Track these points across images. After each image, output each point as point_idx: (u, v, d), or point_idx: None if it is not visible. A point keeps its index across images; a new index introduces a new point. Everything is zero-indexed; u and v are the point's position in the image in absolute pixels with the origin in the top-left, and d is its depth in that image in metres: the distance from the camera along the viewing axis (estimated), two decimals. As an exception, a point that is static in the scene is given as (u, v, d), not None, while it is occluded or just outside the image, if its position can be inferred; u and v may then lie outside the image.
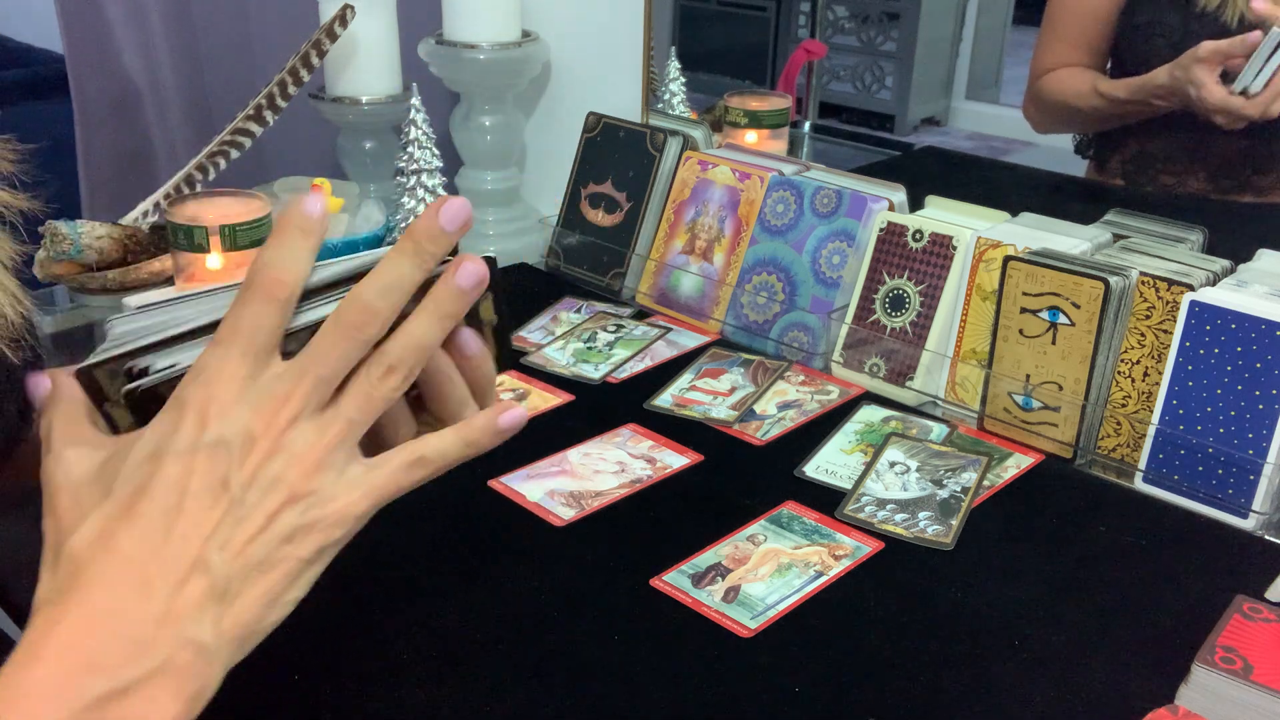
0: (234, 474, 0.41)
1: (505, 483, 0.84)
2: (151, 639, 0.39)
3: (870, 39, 1.74)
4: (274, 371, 0.42)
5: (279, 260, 0.42)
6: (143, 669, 0.39)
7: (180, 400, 0.42)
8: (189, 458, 0.41)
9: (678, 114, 1.39)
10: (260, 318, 0.42)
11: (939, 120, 1.77)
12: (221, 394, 0.41)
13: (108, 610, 0.39)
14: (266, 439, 0.42)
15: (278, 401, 0.42)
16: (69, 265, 1.12)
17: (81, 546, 0.41)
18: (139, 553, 0.40)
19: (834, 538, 0.78)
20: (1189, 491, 0.83)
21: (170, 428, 0.41)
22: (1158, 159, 1.47)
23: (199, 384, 0.42)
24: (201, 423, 0.41)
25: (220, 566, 0.41)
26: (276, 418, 0.42)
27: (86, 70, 1.30)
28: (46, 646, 0.39)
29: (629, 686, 0.64)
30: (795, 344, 1.07)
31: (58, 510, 0.42)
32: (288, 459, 0.42)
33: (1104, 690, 0.64)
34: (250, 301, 0.42)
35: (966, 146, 1.71)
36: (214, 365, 0.42)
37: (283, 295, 0.42)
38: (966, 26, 1.74)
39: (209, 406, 0.41)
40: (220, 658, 0.41)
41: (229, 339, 0.42)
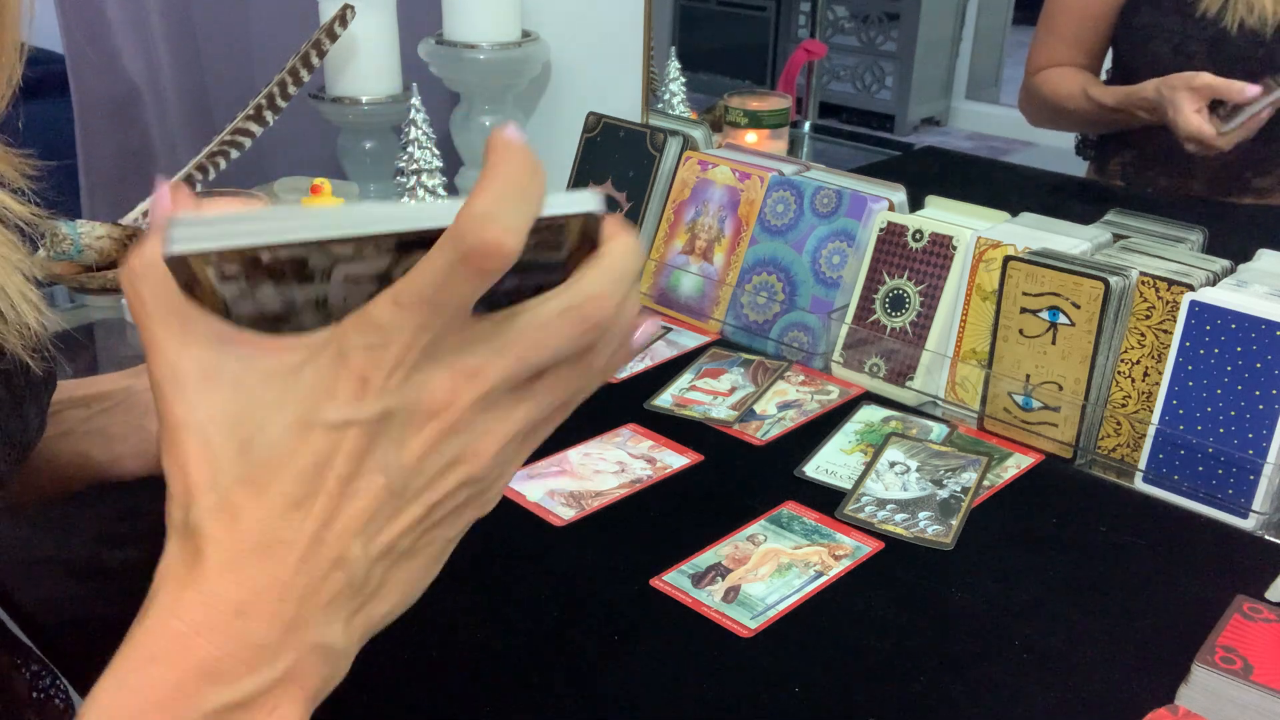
0: (398, 456, 0.35)
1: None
2: (279, 645, 0.34)
3: (870, 39, 1.74)
4: (463, 337, 0.35)
5: (500, 215, 0.32)
6: (267, 679, 0.34)
7: (341, 354, 0.34)
8: (342, 433, 0.34)
9: (678, 114, 1.39)
10: (459, 289, 0.33)
11: (939, 120, 1.77)
12: (393, 361, 0.34)
13: (232, 608, 0.34)
14: (444, 417, 0.35)
15: (465, 376, 0.35)
16: (69, 265, 1.12)
17: (209, 517, 0.34)
18: (273, 540, 0.34)
19: (834, 538, 0.78)
20: (1189, 491, 0.83)
21: (325, 388, 0.34)
22: (1157, 161, 1.47)
23: (366, 345, 0.33)
24: (362, 391, 0.34)
25: (363, 562, 0.35)
26: (460, 394, 0.35)
27: (86, 70, 1.30)
28: (164, 643, 0.34)
29: (629, 686, 0.64)
30: (795, 344, 1.07)
31: (183, 455, 0.34)
32: (469, 440, 0.36)
33: (1104, 690, 0.64)
34: (453, 265, 0.33)
35: (966, 146, 1.71)
36: (390, 328, 0.33)
37: (496, 266, 0.33)
38: (966, 26, 1.73)
39: (374, 373, 0.34)
40: (348, 655, 0.37)
41: (412, 305, 0.33)
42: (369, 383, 0.34)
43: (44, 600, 0.71)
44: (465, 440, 0.36)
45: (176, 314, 0.35)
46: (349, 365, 0.34)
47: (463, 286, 0.33)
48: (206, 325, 0.35)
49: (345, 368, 0.34)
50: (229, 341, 0.35)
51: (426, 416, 0.35)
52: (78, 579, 0.73)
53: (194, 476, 0.34)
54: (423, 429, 0.35)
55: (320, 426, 0.34)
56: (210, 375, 0.34)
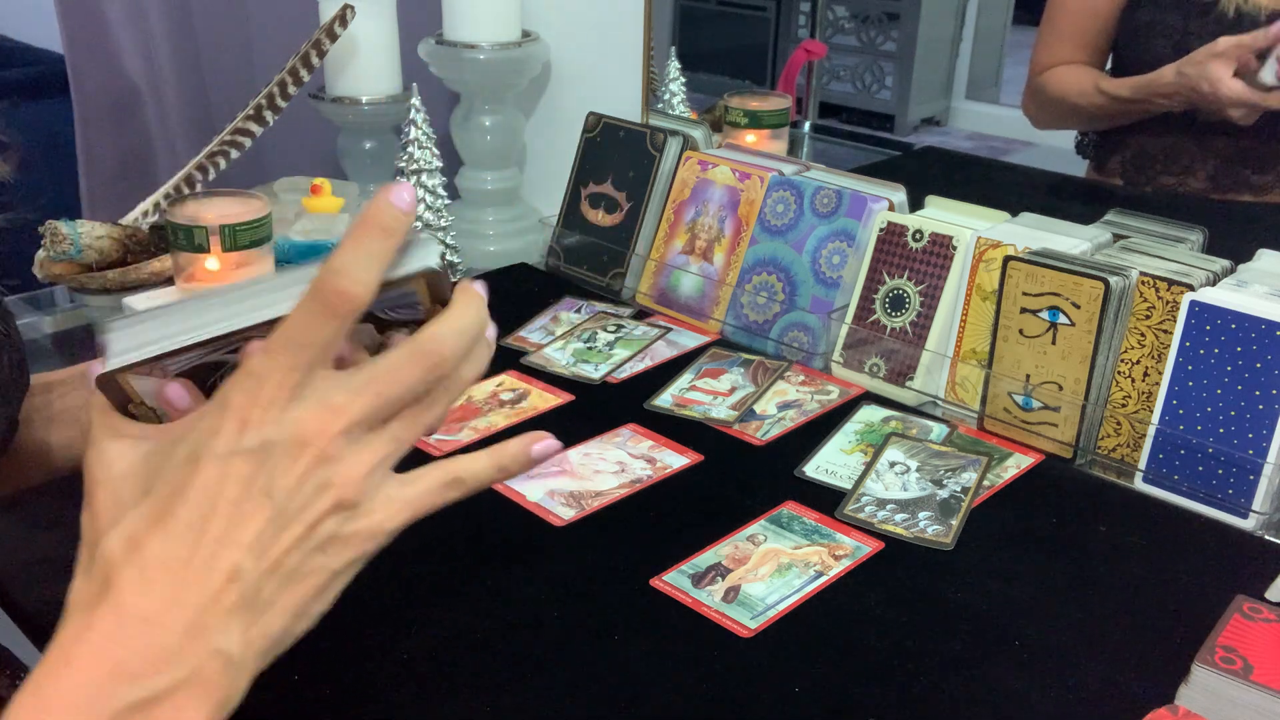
0: (277, 480, 0.40)
1: (505, 483, 0.84)
2: (181, 648, 0.39)
3: (870, 39, 1.74)
4: (329, 382, 0.41)
5: (350, 269, 0.40)
6: (171, 679, 0.38)
7: (224, 402, 0.40)
8: (226, 463, 0.40)
9: (678, 114, 1.39)
10: (318, 332, 0.40)
11: (939, 120, 1.77)
12: (267, 400, 0.40)
13: (139, 617, 0.39)
14: (316, 446, 0.40)
15: (332, 411, 0.41)
16: (69, 265, 1.12)
17: (115, 548, 0.40)
18: (172, 558, 0.39)
19: (834, 538, 0.78)
20: (1189, 491, 0.83)
21: (211, 430, 0.40)
22: (1157, 158, 1.47)
23: (244, 389, 0.40)
24: (243, 427, 0.40)
25: (253, 576, 0.40)
26: (329, 426, 0.40)
27: (86, 70, 1.30)
28: (78, 652, 0.38)
29: (629, 686, 0.64)
30: (795, 344, 1.07)
31: (95, 506, 0.41)
32: (337, 468, 0.41)
33: (1104, 690, 0.64)
34: (312, 312, 0.40)
35: (966, 146, 1.71)
36: (262, 371, 0.40)
37: (347, 310, 0.40)
38: (966, 26, 1.74)
39: (252, 411, 0.40)
40: (247, 669, 0.41)
41: (280, 349, 0.40)
42: (249, 419, 0.40)
43: (44, 600, 0.71)
44: (334, 469, 0.41)
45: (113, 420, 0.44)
46: (231, 407, 0.40)
47: (322, 329, 0.40)
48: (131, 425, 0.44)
49: (228, 410, 0.40)
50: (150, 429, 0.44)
51: (301, 446, 0.40)
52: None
53: (101, 520, 0.41)
54: (298, 458, 0.40)
55: (209, 459, 0.40)
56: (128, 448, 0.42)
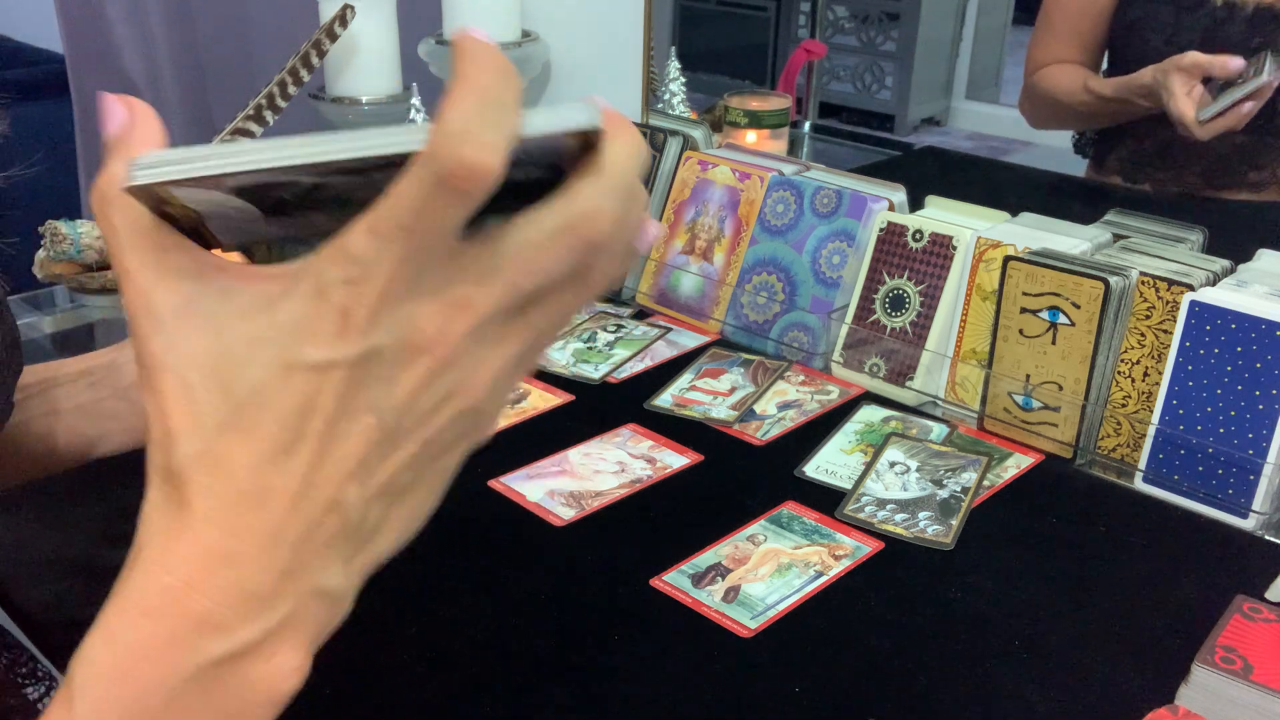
0: (385, 395, 0.33)
1: (505, 483, 0.84)
2: (276, 592, 0.33)
3: (870, 39, 1.74)
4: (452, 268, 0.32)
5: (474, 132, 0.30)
6: (263, 627, 0.33)
7: (320, 289, 0.32)
8: (324, 374, 0.32)
9: (678, 114, 1.39)
10: (440, 215, 0.31)
11: (939, 120, 1.77)
12: (375, 296, 0.31)
13: (223, 555, 0.32)
14: (437, 352, 0.33)
15: (457, 307, 0.32)
16: (69, 265, 1.12)
17: (195, 463, 0.33)
18: (263, 488, 0.33)
19: (834, 538, 0.78)
20: (1189, 491, 0.83)
21: (305, 326, 0.32)
22: (1154, 156, 1.47)
23: (346, 280, 0.31)
24: (345, 327, 0.32)
25: (358, 503, 0.34)
26: (451, 325, 0.32)
27: (86, 70, 1.30)
28: (154, 599, 0.32)
29: (629, 686, 0.64)
30: (795, 344, 1.07)
31: (163, 397, 0.33)
32: (462, 373, 0.33)
33: (1104, 690, 0.64)
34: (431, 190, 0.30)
35: (966, 146, 1.71)
36: (369, 260, 0.31)
37: (475, 189, 0.30)
38: (966, 26, 1.74)
39: (356, 309, 0.31)
40: (350, 595, 0.35)
41: (391, 234, 0.31)
42: (351, 320, 0.32)
43: (44, 600, 0.71)
44: (458, 375, 0.33)
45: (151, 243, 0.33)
46: (329, 301, 0.32)
47: (443, 212, 0.31)
48: (181, 255, 0.33)
49: (325, 304, 0.32)
50: (205, 273, 0.33)
51: (416, 352, 0.33)
52: (78, 579, 0.73)
53: (175, 420, 0.33)
54: (412, 365, 0.33)
55: (303, 368, 0.32)
56: (187, 311, 0.33)
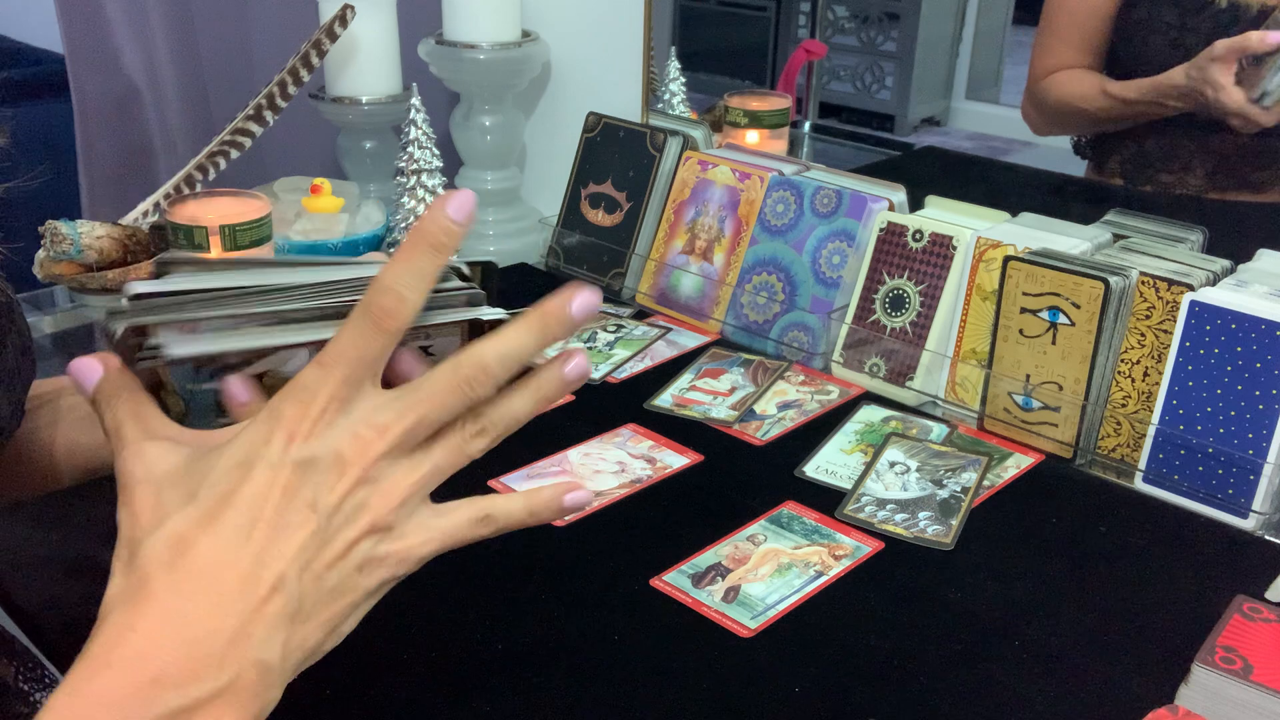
0: (322, 496, 0.41)
1: (505, 483, 0.84)
2: (223, 656, 0.39)
3: (870, 39, 1.74)
4: (375, 401, 0.42)
5: (398, 284, 0.41)
6: (211, 687, 0.38)
7: (275, 413, 0.41)
8: (277, 472, 0.40)
9: (678, 114, 1.39)
10: (368, 346, 0.41)
11: (939, 120, 1.77)
12: (316, 414, 0.41)
13: (182, 622, 0.39)
14: (358, 466, 0.41)
15: (375, 431, 0.42)
16: (69, 265, 1.12)
17: (160, 549, 0.40)
18: (220, 564, 0.39)
19: (834, 538, 0.78)
20: (1189, 491, 0.83)
21: (261, 439, 0.41)
22: (1156, 157, 1.47)
23: (296, 401, 0.41)
24: (291, 439, 0.41)
25: (297, 587, 0.40)
26: (371, 447, 0.41)
27: (86, 70, 1.30)
28: (117, 654, 0.38)
29: (629, 686, 0.64)
30: (795, 344, 1.07)
31: (135, 506, 0.41)
32: (375, 490, 0.42)
33: (1104, 690, 0.64)
34: (361, 329, 0.41)
35: (966, 146, 1.71)
36: (313, 386, 0.41)
37: (395, 326, 0.41)
38: (966, 26, 1.74)
39: (301, 424, 0.41)
40: (283, 678, 0.41)
41: (333, 363, 0.41)
42: (297, 432, 0.41)
43: (44, 600, 0.71)
44: (372, 490, 0.42)
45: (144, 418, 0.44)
46: (282, 419, 0.41)
47: (372, 344, 0.41)
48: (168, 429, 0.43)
49: (279, 421, 0.41)
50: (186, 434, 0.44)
51: (343, 465, 0.41)
52: (78, 579, 0.73)
53: (143, 520, 0.40)
54: (341, 475, 0.41)
55: (260, 466, 0.40)
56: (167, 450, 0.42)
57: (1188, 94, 1.31)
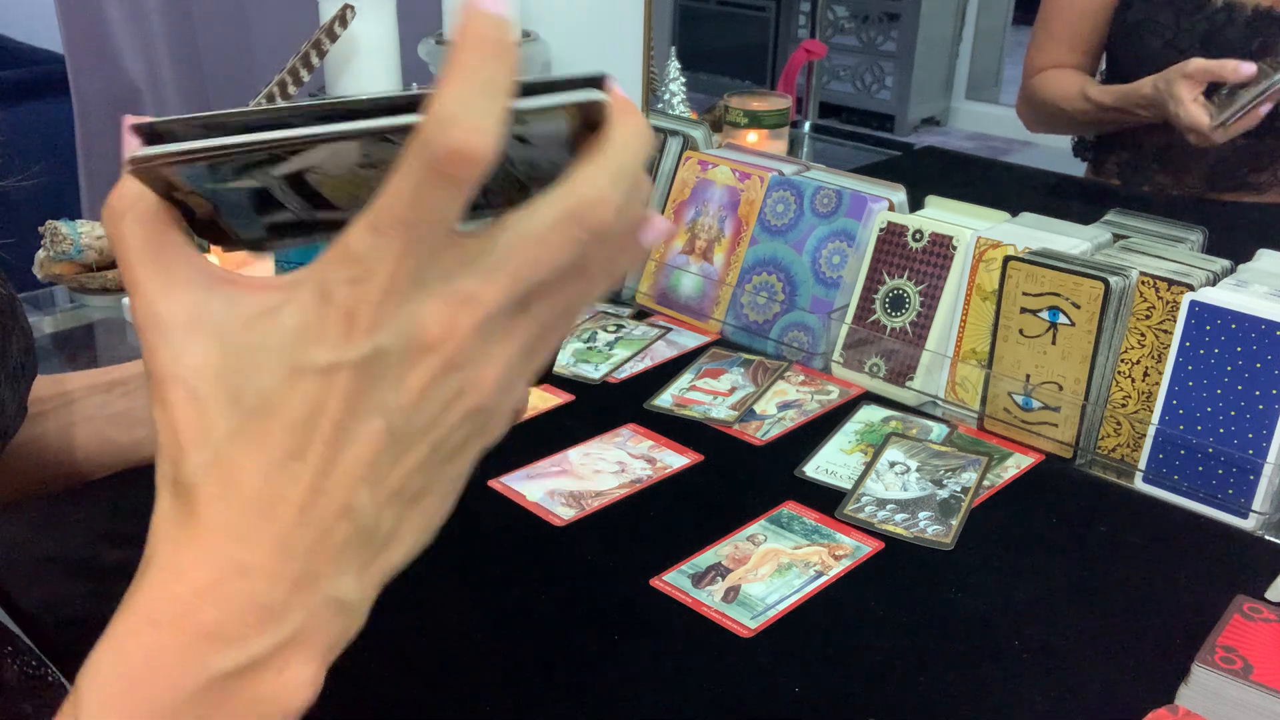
0: (393, 397, 0.32)
1: (505, 483, 0.84)
2: (288, 602, 0.33)
3: (870, 39, 1.74)
4: (455, 260, 0.32)
5: (470, 114, 0.30)
6: (275, 639, 0.33)
7: (323, 292, 0.32)
8: (330, 377, 0.32)
9: (678, 114, 1.39)
10: (435, 205, 0.30)
11: (939, 120, 1.78)
12: (379, 294, 0.31)
13: (235, 566, 0.32)
14: (441, 351, 0.32)
15: (462, 302, 0.32)
16: (69, 265, 1.12)
17: (206, 473, 0.32)
18: (273, 496, 0.32)
19: (834, 538, 0.78)
20: (1189, 491, 0.83)
21: (313, 330, 0.32)
22: (1154, 158, 1.47)
23: (348, 279, 0.31)
24: (349, 330, 0.31)
25: (370, 509, 0.33)
26: (457, 322, 0.32)
27: (86, 70, 1.30)
28: (164, 608, 0.32)
29: (629, 686, 0.64)
30: (795, 344, 1.07)
31: (171, 410, 0.33)
32: (469, 373, 0.33)
33: (1104, 690, 0.64)
34: (423, 179, 0.30)
35: (966, 146, 1.72)
36: (370, 258, 0.31)
37: (469, 173, 0.30)
38: (966, 26, 1.74)
39: (360, 308, 0.31)
40: (365, 605, 0.35)
41: (389, 229, 0.31)
42: (356, 320, 0.31)
43: (44, 600, 0.71)
44: (466, 373, 0.33)
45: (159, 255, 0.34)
46: (333, 303, 0.31)
47: (440, 201, 0.30)
48: (188, 267, 0.34)
49: (330, 306, 0.31)
50: (212, 284, 0.34)
51: (422, 351, 0.32)
52: (78, 579, 0.73)
53: (184, 431, 0.33)
54: (419, 365, 0.32)
55: (310, 371, 0.32)
56: (194, 322, 0.33)
57: (1153, 103, 1.32)
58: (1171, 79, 1.28)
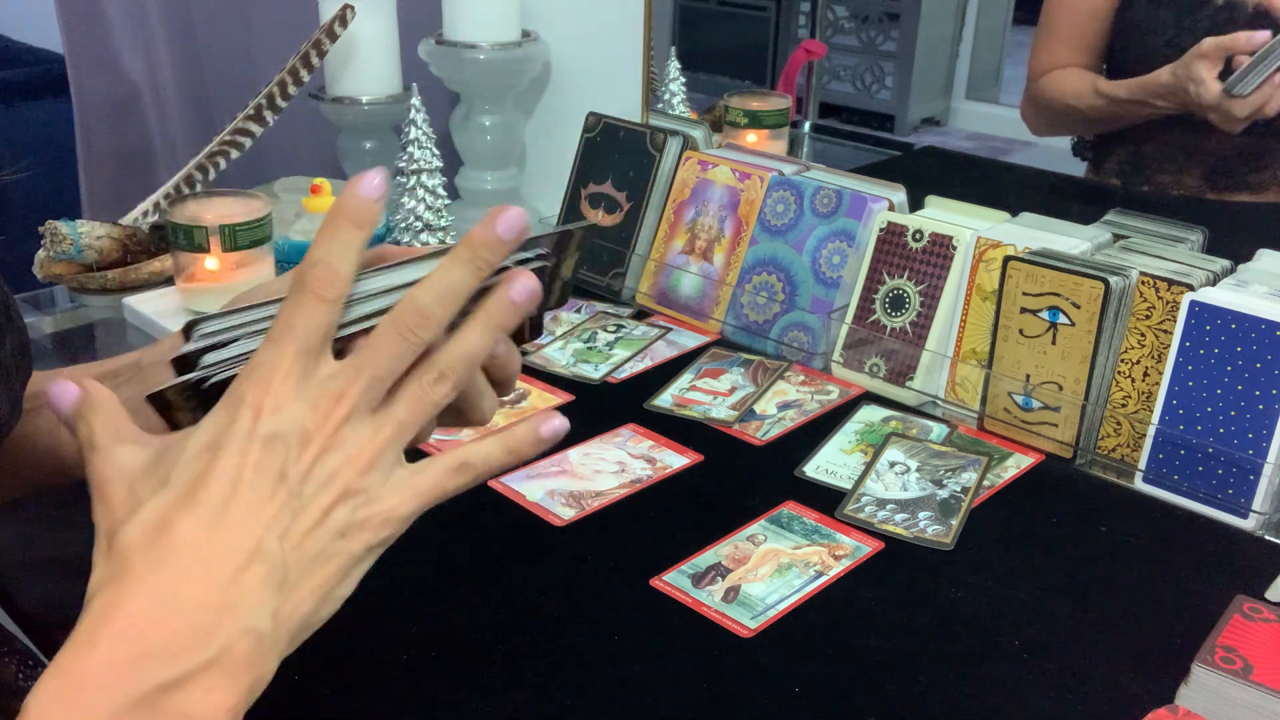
0: (290, 467, 0.41)
1: (505, 483, 0.84)
2: (211, 626, 0.39)
3: (870, 39, 1.74)
4: (328, 370, 0.43)
5: (329, 257, 0.43)
6: (201, 658, 0.39)
7: (236, 396, 0.42)
8: (246, 449, 0.41)
9: (678, 114, 1.39)
10: (312, 317, 0.42)
11: (939, 120, 1.78)
12: (276, 390, 0.42)
13: (166, 596, 0.39)
14: (321, 435, 0.42)
15: (332, 399, 0.42)
16: (69, 265, 1.12)
17: (138, 533, 0.40)
18: (198, 539, 0.40)
19: (834, 538, 0.78)
20: (1189, 491, 0.83)
21: (227, 421, 0.42)
22: (1154, 158, 1.47)
23: (254, 381, 0.42)
24: (256, 417, 0.41)
25: (278, 555, 0.41)
26: (331, 414, 0.42)
27: (86, 70, 1.30)
28: (103, 632, 0.38)
29: (629, 686, 0.64)
30: (795, 344, 1.07)
31: (111, 500, 0.42)
32: (342, 456, 0.42)
33: (1104, 690, 0.64)
34: (301, 301, 0.42)
35: (966, 146, 1.71)
36: (268, 363, 0.42)
37: (333, 294, 0.42)
38: (966, 26, 1.74)
39: (264, 401, 0.42)
40: (277, 648, 0.41)
41: (281, 338, 0.42)
42: (261, 409, 0.42)
43: (44, 600, 0.71)
44: (338, 457, 0.42)
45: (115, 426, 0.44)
46: (244, 399, 0.42)
47: (313, 314, 0.42)
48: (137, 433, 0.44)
49: (241, 402, 0.42)
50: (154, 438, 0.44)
51: (308, 435, 0.42)
52: (78, 579, 0.73)
53: (119, 511, 0.42)
54: (307, 445, 0.42)
55: (229, 445, 0.41)
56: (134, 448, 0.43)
57: (1173, 91, 1.32)
58: (1188, 61, 1.27)
